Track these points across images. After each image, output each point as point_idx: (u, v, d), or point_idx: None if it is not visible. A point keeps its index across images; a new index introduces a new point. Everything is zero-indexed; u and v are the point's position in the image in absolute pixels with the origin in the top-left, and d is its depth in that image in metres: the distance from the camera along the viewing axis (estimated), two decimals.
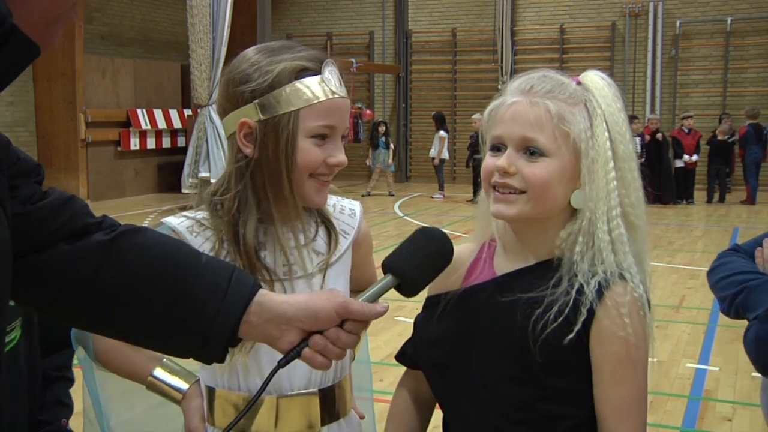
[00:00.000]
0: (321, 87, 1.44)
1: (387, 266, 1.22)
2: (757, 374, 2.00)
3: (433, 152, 15.05)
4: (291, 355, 1.16)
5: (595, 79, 1.38)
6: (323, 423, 1.53)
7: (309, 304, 1.16)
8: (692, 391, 4.75)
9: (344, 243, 1.58)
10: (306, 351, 1.16)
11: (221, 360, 1.17)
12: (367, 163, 15.50)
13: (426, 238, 1.25)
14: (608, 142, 1.33)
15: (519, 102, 1.34)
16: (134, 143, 14.68)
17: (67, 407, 1.73)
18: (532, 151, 1.32)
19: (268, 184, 1.46)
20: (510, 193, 1.33)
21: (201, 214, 1.52)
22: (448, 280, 1.42)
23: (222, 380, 1.53)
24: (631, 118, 13.47)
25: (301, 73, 1.44)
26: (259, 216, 1.48)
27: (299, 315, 1.15)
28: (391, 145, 15.42)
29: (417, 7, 18.22)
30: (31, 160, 1.18)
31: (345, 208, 1.63)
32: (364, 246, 1.64)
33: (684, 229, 11.43)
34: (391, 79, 18.53)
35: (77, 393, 1.82)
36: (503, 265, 1.42)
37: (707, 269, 2.14)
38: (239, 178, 1.48)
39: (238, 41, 9.67)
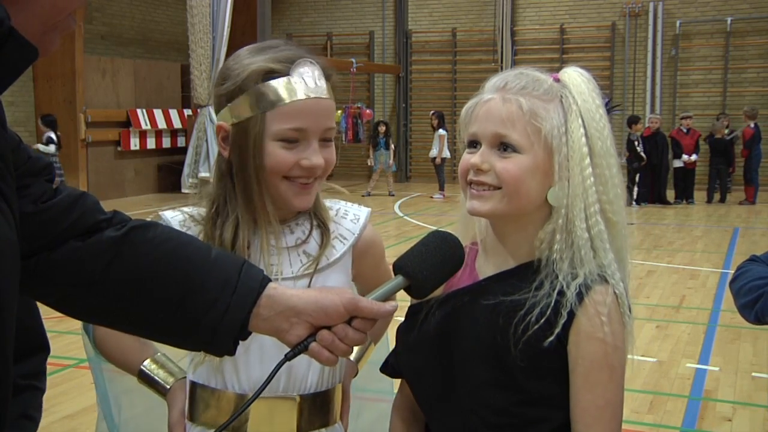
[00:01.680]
0: (288, 89, 1.41)
1: (398, 267, 1.22)
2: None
3: (433, 152, 15.04)
4: (298, 348, 1.17)
5: (573, 75, 1.37)
6: (300, 430, 1.51)
7: (319, 299, 1.17)
8: (692, 391, 4.75)
9: (340, 248, 1.55)
10: (313, 345, 1.16)
11: (231, 353, 1.18)
12: (369, 164, 15.51)
13: (438, 241, 1.25)
14: (584, 138, 1.32)
15: (493, 99, 1.34)
16: (134, 143, 14.69)
17: (33, 421, 1.56)
18: (504, 148, 1.32)
19: (242, 186, 1.46)
20: (484, 189, 1.33)
21: (197, 210, 1.54)
22: None
23: (198, 376, 1.52)
24: (634, 119, 13.53)
25: (268, 75, 1.41)
26: (238, 217, 1.47)
27: (309, 309, 1.16)
28: (392, 146, 15.41)
29: (417, 7, 18.22)
30: (41, 158, 1.19)
31: (349, 213, 1.60)
32: (371, 254, 1.61)
33: (684, 229, 11.42)
34: (391, 79, 18.53)
35: (89, 388, 1.79)
36: (485, 267, 1.41)
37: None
38: (219, 180, 1.50)
39: (238, 41, 9.64)
